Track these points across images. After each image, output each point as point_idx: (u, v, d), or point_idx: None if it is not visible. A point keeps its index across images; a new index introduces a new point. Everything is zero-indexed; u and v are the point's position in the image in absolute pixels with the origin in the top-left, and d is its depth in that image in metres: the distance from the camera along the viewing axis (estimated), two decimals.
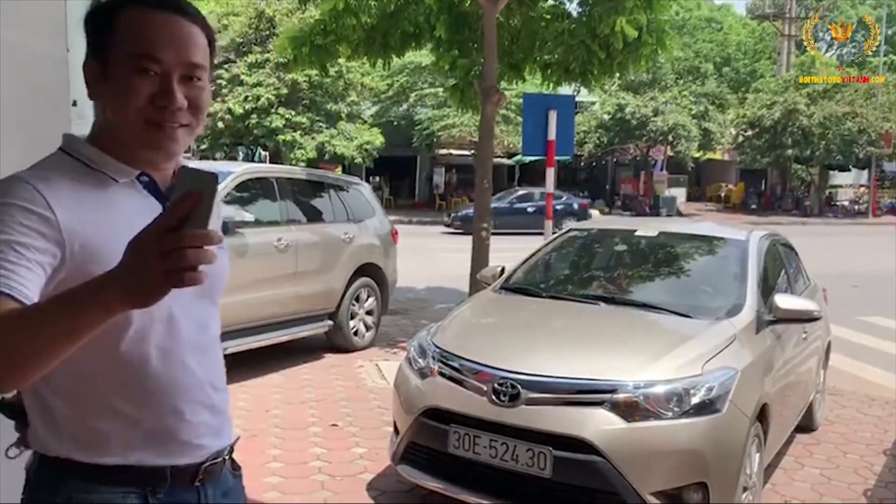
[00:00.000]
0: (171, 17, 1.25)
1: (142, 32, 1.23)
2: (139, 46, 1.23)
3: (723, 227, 5.46)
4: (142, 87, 1.23)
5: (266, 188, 6.65)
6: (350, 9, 7.42)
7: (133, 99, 1.23)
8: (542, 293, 4.49)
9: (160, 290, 0.95)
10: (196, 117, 1.29)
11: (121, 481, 1.26)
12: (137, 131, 1.25)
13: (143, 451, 1.27)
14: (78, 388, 1.23)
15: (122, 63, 1.23)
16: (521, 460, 3.25)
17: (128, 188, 1.28)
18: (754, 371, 3.60)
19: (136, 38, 1.23)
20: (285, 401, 5.63)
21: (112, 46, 1.24)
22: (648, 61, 8.42)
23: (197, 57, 1.27)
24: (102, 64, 1.25)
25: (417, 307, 9.56)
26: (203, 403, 1.33)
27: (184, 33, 1.25)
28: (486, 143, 8.25)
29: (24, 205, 1.12)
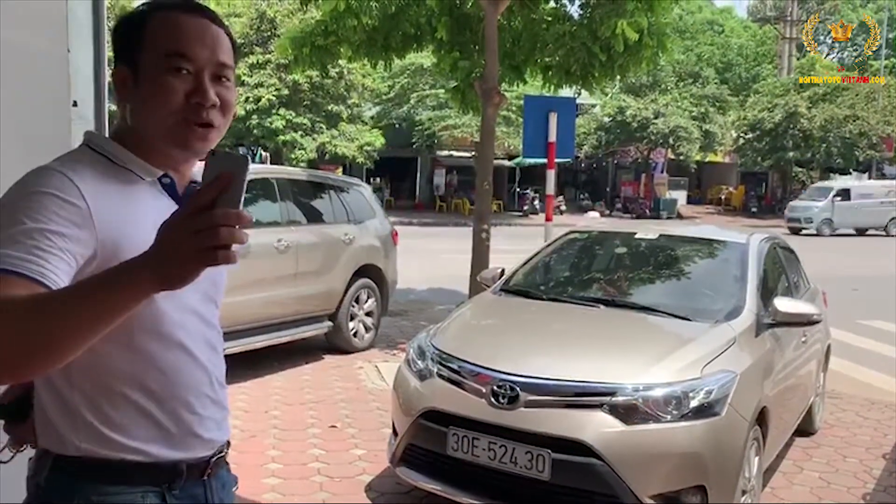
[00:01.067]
0: (200, 19, 1.28)
1: (173, 33, 1.26)
2: (172, 46, 1.25)
3: (723, 230, 5.45)
4: (177, 85, 1.25)
5: (266, 189, 6.65)
6: (351, 10, 7.42)
7: (170, 98, 1.24)
8: (542, 295, 4.49)
9: (194, 270, 0.98)
10: (225, 117, 1.31)
11: (139, 480, 1.26)
12: (173, 130, 1.26)
13: (160, 444, 1.28)
14: (94, 380, 1.22)
15: (156, 64, 1.25)
16: (519, 463, 3.24)
17: (150, 187, 1.30)
18: (753, 374, 3.60)
19: (168, 38, 1.26)
20: (284, 402, 5.63)
21: (143, 50, 1.26)
22: (649, 64, 8.42)
23: (226, 57, 1.30)
24: (133, 68, 1.27)
25: (417, 308, 9.56)
26: (211, 398, 1.35)
27: (213, 34, 1.29)
28: (487, 145, 8.25)
29: (57, 193, 1.13)
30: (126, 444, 1.24)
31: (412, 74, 27.44)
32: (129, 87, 1.27)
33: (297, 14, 21.57)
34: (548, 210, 7.88)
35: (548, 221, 7.82)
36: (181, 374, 1.29)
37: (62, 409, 1.23)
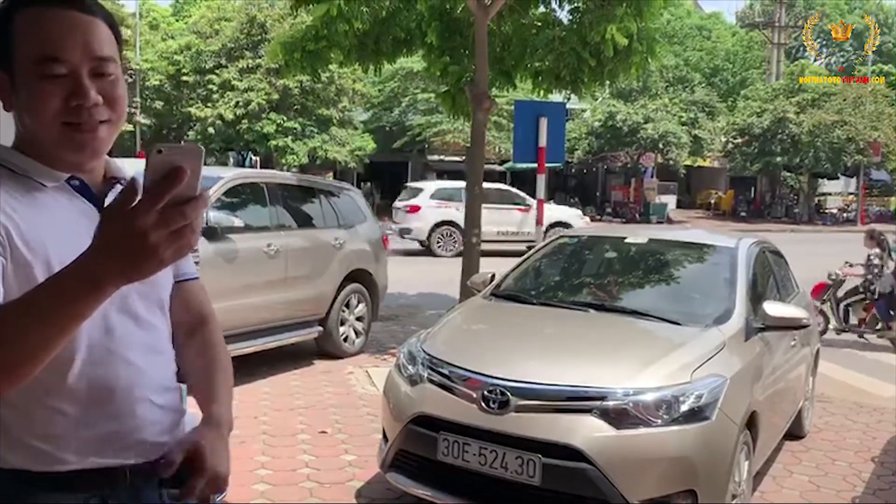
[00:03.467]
0: (68, 12, 1.20)
1: (41, 35, 1.19)
2: (41, 50, 1.19)
3: (712, 235, 5.47)
4: (52, 91, 1.19)
5: (256, 193, 6.63)
6: (342, 15, 7.40)
7: (47, 105, 1.20)
8: (533, 300, 4.50)
9: (163, 264, 0.95)
10: (115, 111, 1.25)
11: (79, 486, 1.23)
12: (57, 136, 1.22)
13: (98, 453, 1.24)
14: (25, 394, 1.15)
15: (28, 71, 1.20)
16: (510, 468, 3.24)
17: (59, 192, 1.25)
18: (743, 378, 3.61)
19: (36, 42, 1.19)
20: (274, 407, 5.60)
21: (13, 56, 1.20)
22: (639, 69, 8.45)
23: (103, 50, 1.23)
24: (9, 74, 1.22)
25: (408, 313, 9.55)
26: (155, 402, 1.32)
27: (85, 27, 1.21)
28: (478, 150, 8.25)
29: None
30: (61, 457, 1.21)
31: (403, 79, 27.47)
32: (9, 93, 1.23)
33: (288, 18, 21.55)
34: (539, 214, 7.89)
35: (539, 225, 7.84)
36: (112, 380, 1.24)
37: None
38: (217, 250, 5.89)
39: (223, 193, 6.20)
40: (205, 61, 27.11)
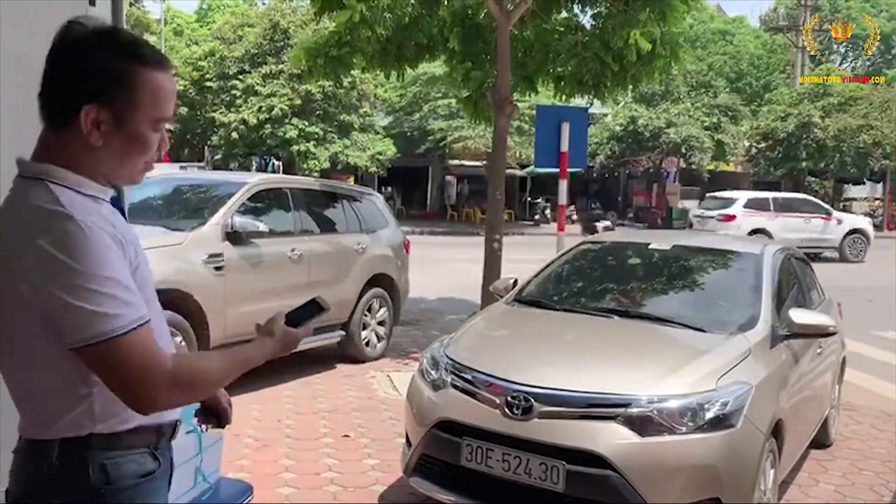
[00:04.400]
0: (173, 78, 1.49)
1: (165, 100, 1.46)
2: (163, 114, 1.46)
3: (737, 241, 5.44)
4: (155, 141, 1.48)
5: (279, 198, 6.69)
6: (365, 21, 7.45)
7: (150, 151, 1.48)
8: (556, 306, 4.49)
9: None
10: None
11: (139, 442, 1.48)
12: (137, 171, 1.50)
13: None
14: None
15: (145, 123, 1.44)
16: (533, 474, 3.24)
17: (107, 205, 1.47)
18: (769, 386, 3.58)
19: (159, 105, 1.45)
20: (297, 411, 5.64)
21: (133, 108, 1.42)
22: (662, 73, 8.42)
23: None
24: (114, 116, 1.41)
25: (429, 318, 9.56)
26: None
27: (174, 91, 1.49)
28: (499, 155, 8.26)
29: (108, 241, 1.36)
30: (129, 417, 1.44)
31: (424, 84, 27.50)
32: (107, 130, 1.41)
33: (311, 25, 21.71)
34: (560, 220, 7.87)
35: (560, 231, 7.82)
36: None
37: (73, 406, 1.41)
38: (242, 255, 5.95)
39: (248, 199, 6.26)
40: (228, 67, 27.37)
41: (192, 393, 1.46)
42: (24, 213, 1.37)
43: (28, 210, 1.37)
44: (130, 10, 22.90)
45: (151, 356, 1.37)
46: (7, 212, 1.42)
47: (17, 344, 1.40)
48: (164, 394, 1.37)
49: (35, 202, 1.37)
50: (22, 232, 1.35)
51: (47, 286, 1.31)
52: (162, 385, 1.37)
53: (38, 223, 1.34)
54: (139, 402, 1.38)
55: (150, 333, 1.39)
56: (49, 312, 1.33)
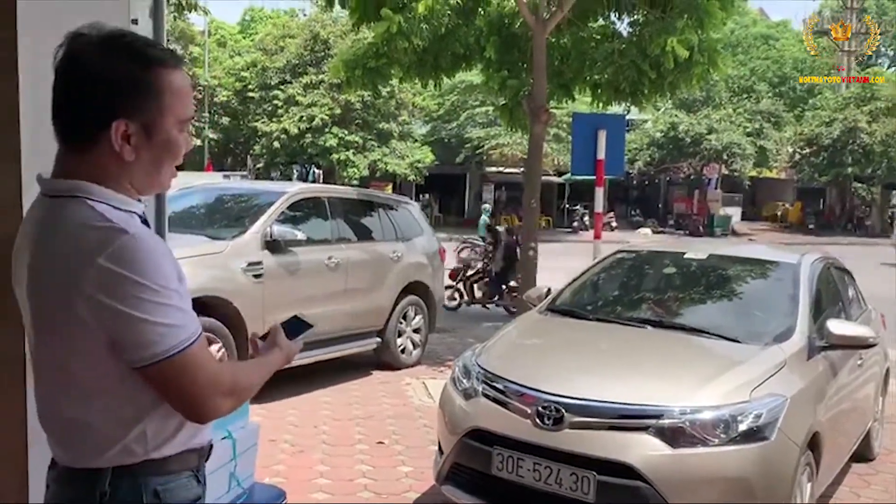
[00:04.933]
0: (187, 76, 1.46)
1: (186, 99, 1.43)
2: (187, 113, 1.44)
3: (774, 250, 5.36)
4: (184, 143, 1.46)
5: (317, 208, 6.80)
6: (402, 32, 7.54)
7: (180, 153, 1.46)
8: (589, 315, 4.48)
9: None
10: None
11: (185, 465, 1.46)
12: (169, 177, 1.48)
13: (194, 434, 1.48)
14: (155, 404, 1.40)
15: (172, 126, 1.41)
16: (564, 484, 3.24)
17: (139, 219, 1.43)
18: (805, 398, 3.53)
19: (182, 106, 1.42)
20: (333, 417, 5.71)
21: (158, 112, 1.39)
22: (700, 80, 8.37)
23: None
24: (142, 126, 1.38)
25: (464, 326, 9.59)
26: None
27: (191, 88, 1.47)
28: (535, 163, 8.28)
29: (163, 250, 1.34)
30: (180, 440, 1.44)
31: (462, 92, 27.64)
32: (138, 143, 1.37)
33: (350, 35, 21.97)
34: (596, 227, 7.84)
35: (596, 239, 7.78)
36: None
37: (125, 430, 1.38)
38: (280, 263, 6.05)
39: (286, 208, 6.37)
40: (270, 77, 27.84)
41: (241, 400, 1.47)
42: (73, 232, 1.31)
43: (76, 229, 1.31)
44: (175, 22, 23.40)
45: (216, 366, 1.40)
46: (49, 232, 1.35)
47: (73, 372, 1.36)
48: (224, 402, 1.39)
49: (81, 220, 1.31)
50: (76, 252, 1.29)
51: (112, 304, 1.27)
52: (224, 393, 1.39)
53: (93, 241, 1.28)
54: (204, 413, 1.39)
55: (206, 343, 1.41)
56: (114, 332, 1.29)
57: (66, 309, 1.30)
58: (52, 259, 1.33)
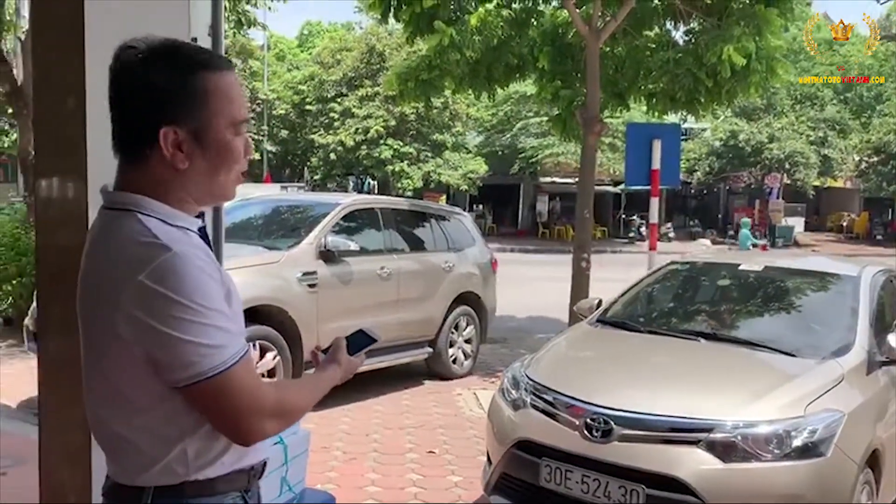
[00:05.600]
0: (238, 78, 1.41)
1: (236, 100, 1.38)
2: (239, 114, 1.38)
3: (833, 262, 5.23)
4: (240, 147, 1.40)
5: (371, 218, 6.90)
6: (454, 44, 7.62)
7: (238, 159, 1.40)
8: (640, 327, 4.43)
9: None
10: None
11: (230, 487, 1.42)
12: (231, 185, 1.42)
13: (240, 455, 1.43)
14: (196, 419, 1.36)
15: (225, 129, 1.37)
16: (613, 497, 3.22)
17: (195, 236, 1.39)
18: (864, 414, 3.43)
19: (232, 106, 1.37)
20: (385, 425, 5.77)
21: (207, 116, 1.35)
22: (758, 89, 8.21)
23: None
24: (192, 132, 1.34)
25: (517, 336, 9.57)
26: None
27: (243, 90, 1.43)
28: (588, 174, 8.23)
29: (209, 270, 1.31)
30: (224, 461, 1.39)
31: (515, 102, 27.66)
32: (190, 150, 1.34)
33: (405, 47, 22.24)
34: (651, 238, 7.75)
35: (651, 250, 7.69)
36: None
37: (166, 451, 1.35)
38: (334, 273, 6.16)
39: (340, 219, 6.49)
40: (327, 90, 28.35)
41: (288, 422, 1.43)
42: (118, 247, 1.31)
43: (121, 243, 1.31)
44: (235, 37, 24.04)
45: (258, 386, 1.35)
46: (98, 246, 1.36)
47: (115, 388, 1.35)
48: (269, 424, 1.35)
49: (127, 235, 1.31)
50: (119, 268, 1.29)
51: (151, 322, 1.25)
52: (268, 415, 1.34)
53: (135, 258, 1.28)
54: (247, 435, 1.35)
55: (252, 363, 1.37)
56: (152, 351, 1.28)
57: (108, 324, 1.29)
58: (98, 273, 1.34)
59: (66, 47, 2.44)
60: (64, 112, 2.46)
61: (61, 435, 2.55)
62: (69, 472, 2.55)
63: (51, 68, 2.58)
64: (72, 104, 2.42)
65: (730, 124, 30.31)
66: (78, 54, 2.41)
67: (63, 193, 2.54)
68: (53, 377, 2.56)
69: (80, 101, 2.42)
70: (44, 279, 2.71)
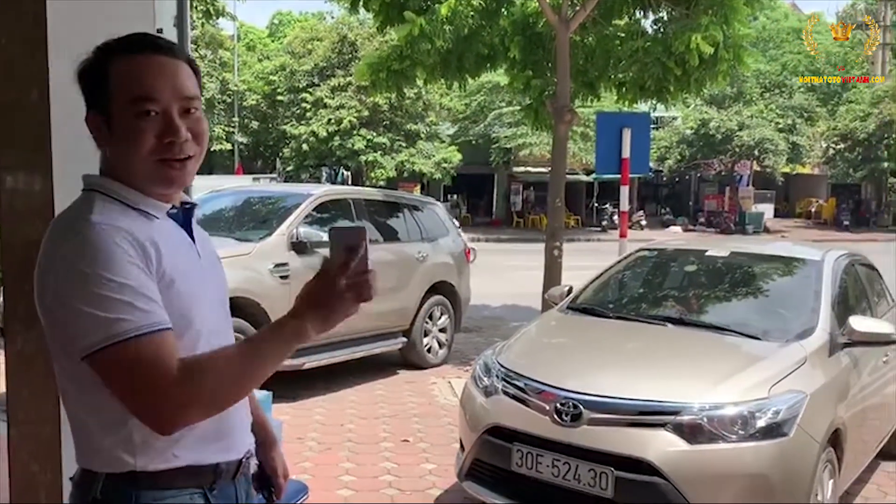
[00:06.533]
0: (158, 57, 1.35)
1: (136, 78, 1.33)
2: (136, 91, 1.32)
3: (798, 247, 5.33)
4: (147, 128, 1.32)
5: (343, 209, 6.89)
6: (425, 34, 7.60)
7: (143, 141, 1.32)
8: (609, 313, 4.50)
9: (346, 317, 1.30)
10: (200, 146, 1.39)
11: (188, 482, 1.37)
12: (151, 171, 1.35)
13: (205, 449, 1.38)
14: None
15: (124, 110, 1.32)
16: (583, 480, 3.28)
17: (164, 222, 1.38)
18: (826, 395, 3.52)
19: (131, 84, 1.32)
20: (359, 415, 5.79)
21: (110, 97, 1.33)
22: (725, 77, 8.31)
23: (190, 90, 1.37)
24: (104, 115, 1.34)
25: (491, 325, 9.63)
26: (242, 405, 1.46)
27: (173, 70, 1.35)
28: (559, 163, 8.29)
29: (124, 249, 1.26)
30: (177, 454, 1.34)
31: (488, 92, 27.66)
32: (104, 133, 1.34)
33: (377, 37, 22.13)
34: (622, 226, 7.82)
35: (622, 238, 7.77)
36: None
37: (113, 433, 1.31)
38: (306, 264, 6.15)
39: (312, 210, 6.48)
40: (298, 80, 28.13)
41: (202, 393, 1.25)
42: (54, 226, 1.32)
43: (57, 222, 1.33)
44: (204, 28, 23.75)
45: (159, 361, 1.22)
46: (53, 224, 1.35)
47: (61, 368, 1.33)
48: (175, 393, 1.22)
49: (66, 213, 1.33)
50: (49, 246, 1.30)
51: (66, 298, 1.24)
52: (170, 385, 1.22)
53: (62, 234, 1.29)
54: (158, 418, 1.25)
55: (166, 342, 1.24)
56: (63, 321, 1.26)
57: (39, 299, 1.30)
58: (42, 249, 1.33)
59: (28, 39, 2.41)
60: (27, 105, 2.43)
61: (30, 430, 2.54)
62: (39, 467, 2.54)
63: (13, 60, 2.55)
64: (35, 97, 2.40)
65: (700, 113, 30.61)
66: (41, 46, 2.39)
67: (28, 187, 2.52)
68: (21, 372, 2.54)
69: (43, 94, 2.40)
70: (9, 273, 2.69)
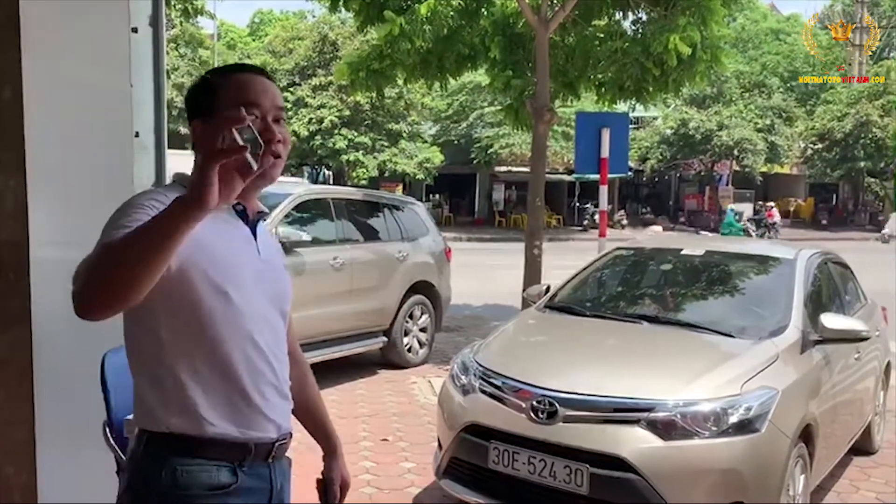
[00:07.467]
0: (261, 78, 1.61)
1: (245, 89, 1.57)
2: (243, 98, 1.53)
3: (771, 246, 5.40)
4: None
5: (323, 208, 6.89)
6: (405, 34, 7.61)
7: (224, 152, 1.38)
8: (586, 312, 4.54)
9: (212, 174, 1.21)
10: (286, 150, 1.60)
11: (215, 455, 1.50)
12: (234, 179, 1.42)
13: (234, 423, 1.52)
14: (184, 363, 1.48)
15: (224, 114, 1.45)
16: (558, 477, 3.31)
17: (227, 215, 1.56)
18: (797, 391, 3.58)
19: (239, 93, 1.55)
20: (339, 415, 5.79)
21: (217, 105, 1.54)
22: (703, 77, 8.39)
23: (281, 102, 1.62)
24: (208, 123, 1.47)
25: (472, 324, 9.65)
26: (276, 387, 1.60)
27: (270, 86, 1.61)
28: (539, 162, 8.33)
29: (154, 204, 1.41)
30: (208, 421, 1.49)
31: (470, 92, 27.71)
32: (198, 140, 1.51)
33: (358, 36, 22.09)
34: (601, 226, 7.88)
35: (601, 237, 7.83)
36: (252, 363, 1.54)
37: (156, 390, 1.49)
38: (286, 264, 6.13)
39: (292, 209, 6.47)
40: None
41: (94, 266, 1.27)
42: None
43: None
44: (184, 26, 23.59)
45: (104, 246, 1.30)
46: None
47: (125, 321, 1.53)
48: (81, 270, 1.29)
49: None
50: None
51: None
52: (82, 269, 1.28)
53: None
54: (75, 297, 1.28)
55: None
56: None
57: None
58: None
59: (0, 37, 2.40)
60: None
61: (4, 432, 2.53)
62: (14, 468, 2.53)
63: None
64: (7, 95, 2.39)
65: (680, 113, 30.86)
66: (13, 44, 2.38)
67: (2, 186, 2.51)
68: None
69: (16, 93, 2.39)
70: None
